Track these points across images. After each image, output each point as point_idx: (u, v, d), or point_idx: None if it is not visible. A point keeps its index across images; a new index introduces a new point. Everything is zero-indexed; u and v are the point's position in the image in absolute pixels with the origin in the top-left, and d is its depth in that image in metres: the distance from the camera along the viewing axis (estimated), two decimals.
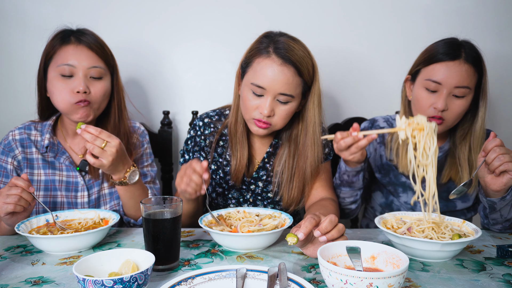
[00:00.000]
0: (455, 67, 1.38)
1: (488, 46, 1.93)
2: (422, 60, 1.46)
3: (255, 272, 0.91)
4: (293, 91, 1.32)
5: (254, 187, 1.51)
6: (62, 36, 1.38)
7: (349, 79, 1.98)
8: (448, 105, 1.39)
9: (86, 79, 1.37)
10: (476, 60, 1.39)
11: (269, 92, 1.31)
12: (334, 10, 1.93)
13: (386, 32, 1.95)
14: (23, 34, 1.90)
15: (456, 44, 1.41)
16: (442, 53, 1.40)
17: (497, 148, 1.19)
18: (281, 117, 1.36)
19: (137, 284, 0.83)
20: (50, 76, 1.38)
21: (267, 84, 1.30)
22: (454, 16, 1.93)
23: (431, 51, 1.44)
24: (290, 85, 1.31)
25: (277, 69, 1.29)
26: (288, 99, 1.33)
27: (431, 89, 1.40)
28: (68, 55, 1.35)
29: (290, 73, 1.30)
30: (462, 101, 1.40)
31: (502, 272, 1.00)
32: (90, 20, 1.69)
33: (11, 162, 1.43)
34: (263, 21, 1.91)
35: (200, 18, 1.92)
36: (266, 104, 1.31)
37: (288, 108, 1.35)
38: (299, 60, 1.31)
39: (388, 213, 1.24)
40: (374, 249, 0.95)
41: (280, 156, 1.48)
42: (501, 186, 1.21)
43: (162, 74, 1.96)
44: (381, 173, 1.58)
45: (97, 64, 1.38)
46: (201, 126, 1.51)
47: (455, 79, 1.37)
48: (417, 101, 1.45)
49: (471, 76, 1.38)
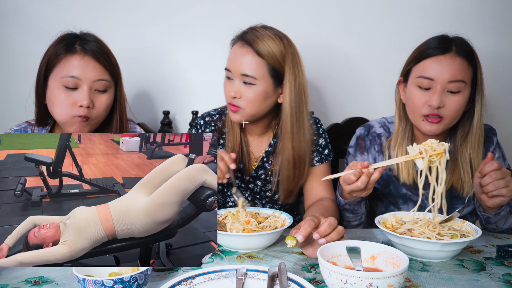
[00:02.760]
0: (446, 61, 1.31)
1: (487, 45, 1.93)
2: (412, 58, 1.40)
3: (255, 272, 0.91)
4: (255, 73, 1.34)
5: (253, 185, 1.51)
6: (67, 44, 1.30)
7: (349, 79, 1.98)
8: (444, 102, 1.32)
9: (91, 92, 1.29)
10: (468, 54, 1.33)
11: (233, 74, 1.36)
12: (333, 10, 1.93)
13: (386, 32, 1.95)
14: (23, 34, 1.90)
15: (446, 39, 1.36)
16: (432, 48, 1.34)
17: (493, 174, 1.17)
18: (249, 101, 1.36)
19: (137, 284, 0.83)
20: (51, 85, 1.30)
21: (230, 66, 1.37)
22: (454, 15, 1.93)
23: (420, 48, 1.39)
24: (252, 65, 1.34)
25: (238, 51, 1.36)
26: (251, 80, 1.34)
27: (424, 87, 1.33)
28: (73, 66, 1.27)
29: (249, 55, 1.34)
30: (458, 96, 1.32)
31: (502, 272, 1.00)
32: (90, 20, 1.69)
33: None
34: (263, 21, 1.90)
35: (200, 18, 1.92)
36: (234, 87, 1.36)
37: (254, 91, 1.35)
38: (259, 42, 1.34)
39: (388, 213, 1.24)
40: (374, 249, 0.95)
41: (278, 151, 1.48)
42: (494, 205, 1.21)
43: (162, 74, 1.96)
44: (381, 184, 1.52)
45: (103, 76, 1.31)
46: (202, 124, 1.52)
47: (448, 73, 1.30)
48: (411, 101, 1.38)
49: (465, 70, 1.32)
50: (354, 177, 1.18)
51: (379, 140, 1.51)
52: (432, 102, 1.31)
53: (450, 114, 1.34)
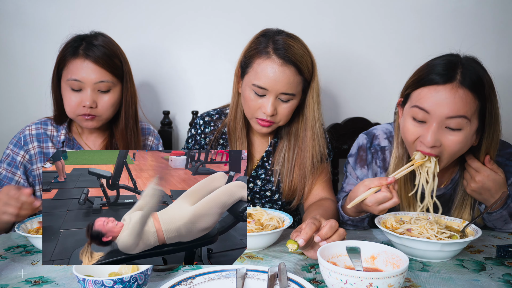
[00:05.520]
0: (446, 93, 1.11)
1: (488, 45, 1.93)
2: (411, 82, 1.22)
3: (255, 272, 0.91)
4: (294, 90, 1.34)
5: (253, 185, 1.52)
6: (73, 48, 1.40)
7: (349, 79, 1.98)
8: (440, 140, 1.14)
9: (94, 93, 1.39)
10: (475, 84, 1.12)
11: (271, 92, 1.32)
12: (333, 10, 1.93)
13: (387, 32, 1.95)
14: (23, 34, 1.90)
15: (452, 63, 1.15)
16: (434, 73, 1.15)
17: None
18: (284, 115, 1.38)
19: (137, 284, 0.83)
20: (63, 86, 1.42)
21: (269, 85, 1.31)
22: (454, 15, 1.93)
23: (422, 70, 1.20)
24: (291, 84, 1.32)
25: (278, 70, 1.30)
26: (289, 97, 1.35)
27: (419, 119, 1.15)
28: (76, 69, 1.38)
29: (291, 73, 1.31)
30: (459, 134, 1.14)
31: (502, 272, 1.00)
32: (90, 21, 1.69)
33: (23, 155, 1.48)
34: (263, 21, 1.89)
35: (200, 18, 1.92)
36: (269, 104, 1.33)
37: (290, 106, 1.37)
38: (299, 59, 1.32)
39: (388, 213, 1.24)
40: (374, 249, 0.95)
41: (279, 152, 1.49)
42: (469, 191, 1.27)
43: (162, 74, 1.96)
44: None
45: (104, 78, 1.39)
46: (202, 124, 1.52)
47: (446, 107, 1.11)
48: (403, 132, 1.22)
49: (469, 104, 1.12)
50: (388, 193, 1.12)
51: (383, 155, 1.38)
52: (426, 139, 1.14)
53: (447, 153, 1.17)
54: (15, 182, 1.46)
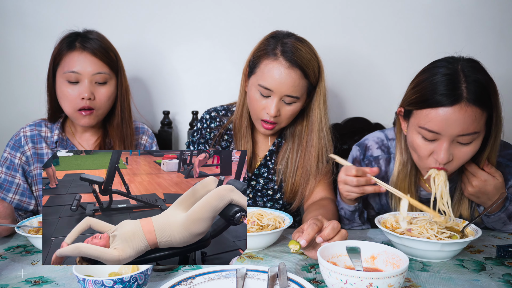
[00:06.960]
0: (455, 114, 1.10)
1: (489, 45, 1.93)
2: (414, 100, 1.18)
3: (255, 272, 0.91)
4: (298, 93, 1.35)
5: (255, 183, 1.52)
6: (68, 42, 1.41)
7: (350, 79, 1.98)
8: (453, 154, 1.15)
9: (91, 85, 1.40)
10: (482, 97, 1.11)
11: (275, 93, 1.33)
12: (334, 10, 1.93)
13: (387, 32, 1.95)
14: (23, 34, 1.90)
15: (455, 78, 1.11)
16: (438, 94, 1.11)
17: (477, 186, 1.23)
18: (286, 117, 1.39)
19: (137, 284, 0.83)
20: (59, 81, 1.42)
21: (274, 86, 1.32)
22: (456, 15, 1.93)
23: (424, 89, 1.15)
24: (296, 87, 1.33)
25: (284, 72, 1.31)
26: (293, 100, 1.36)
27: (429, 138, 1.15)
28: (73, 61, 1.39)
29: (296, 76, 1.32)
30: (470, 147, 1.15)
31: (502, 272, 1.00)
32: (90, 20, 1.69)
33: (20, 157, 1.49)
34: (264, 21, 1.91)
35: (200, 17, 1.92)
36: (273, 105, 1.34)
37: (293, 108, 1.38)
38: (306, 63, 1.33)
39: (388, 213, 1.24)
40: (374, 249, 0.95)
41: (283, 152, 1.50)
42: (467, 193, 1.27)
43: (162, 74, 1.96)
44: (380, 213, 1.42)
45: (101, 70, 1.41)
46: (208, 119, 1.54)
47: (456, 128, 1.10)
48: (413, 148, 1.22)
49: (478, 119, 1.11)
50: (356, 172, 1.20)
51: (377, 164, 1.41)
52: (439, 156, 1.15)
53: (457, 163, 1.19)
54: (15, 184, 1.48)
